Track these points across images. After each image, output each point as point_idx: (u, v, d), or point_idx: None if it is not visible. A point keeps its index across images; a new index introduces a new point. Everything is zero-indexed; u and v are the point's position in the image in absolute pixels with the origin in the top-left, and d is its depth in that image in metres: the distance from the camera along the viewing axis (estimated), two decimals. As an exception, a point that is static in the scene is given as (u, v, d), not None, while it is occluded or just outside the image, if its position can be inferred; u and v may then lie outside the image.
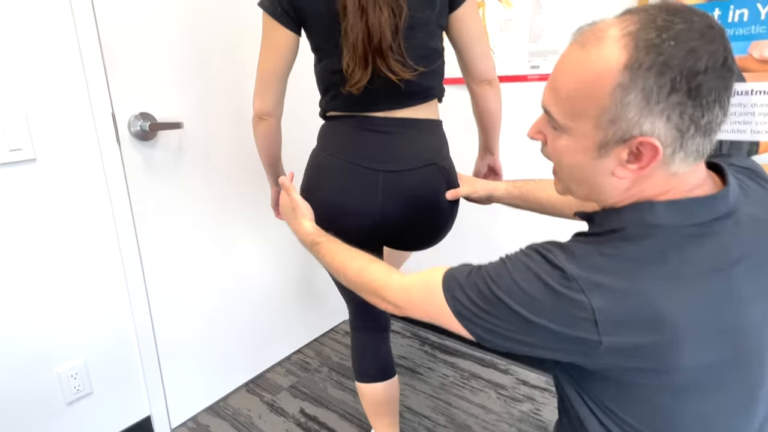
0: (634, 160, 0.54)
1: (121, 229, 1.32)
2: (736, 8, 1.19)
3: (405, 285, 0.73)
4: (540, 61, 1.54)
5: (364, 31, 0.90)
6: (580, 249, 0.57)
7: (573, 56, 0.55)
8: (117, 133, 1.28)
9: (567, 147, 0.58)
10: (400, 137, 1.02)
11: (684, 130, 0.50)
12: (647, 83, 0.49)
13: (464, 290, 0.63)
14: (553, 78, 0.58)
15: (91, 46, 1.20)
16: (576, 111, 0.55)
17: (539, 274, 0.56)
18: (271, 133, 1.11)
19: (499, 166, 1.27)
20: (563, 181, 0.65)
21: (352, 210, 1.03)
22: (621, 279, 0.53)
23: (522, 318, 0.56)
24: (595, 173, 0.58)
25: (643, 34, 0.49)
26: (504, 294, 0.58)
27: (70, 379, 1.28)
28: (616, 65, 0.50)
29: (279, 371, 1.87)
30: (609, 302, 0.52)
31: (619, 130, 0.52)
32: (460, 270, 0.67)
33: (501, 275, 0.60)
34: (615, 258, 0.54)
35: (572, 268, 0.54)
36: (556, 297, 0.54)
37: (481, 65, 1.05)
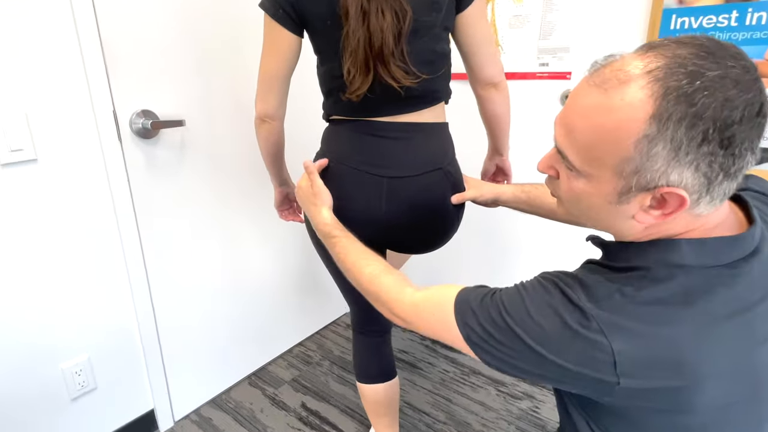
0: (657, 207, 0.51)
1: (123, 227, 1.32)
2: (754, 11, 1.15)
3: (416, 301, 0.72)
4: (550, 59, 1.50)
5: (365, 36, 0.87)
6: (600, 286, 0.55)
7: (592, 99, 0.50)
8: (118, 131, 1.27)
9: (584, 190, 0.55)
10: (404, 142, 1.00)
11: (713, 178, 0.48)
12: (677, 135, 0.46)
13: (476, 317, 0.61)
14: (568, 118, 0.54)
15: (91, 43, 1.18)
16: (595, 158, 0.52)
17: (557, 311, 0.54)
18: (274, 135, 1.09)
19: (508, 167, 1.25)
20: (574, 215, 0.62)
21: (356, 216, 1.01)
22: (644, 322, 0.51)
23: (536, 353, 0.55)
24: (614, 216, 0.55)
25: (672, 81, 0.45)
26: (518, 327, 0.56)
27: (75, 375, 1.30)
28: (643, 115, 0.46)
29: (281, 364, 1.88)
30: (630, 345, 0.50)
31: (643, 179, 0.49)
32: (473, 294, 0.65)
33: (516, 306, 0.58)
34: (638, 300, 0.52)
35: (592, 308, 0.52)
36: (573, 336, 0.52)
37: (488, 69, 1.02)
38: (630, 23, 1.35)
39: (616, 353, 0.50)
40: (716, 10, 1.19)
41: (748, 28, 1.17)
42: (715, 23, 1.20)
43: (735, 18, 1.18)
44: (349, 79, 0.92)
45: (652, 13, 1.29)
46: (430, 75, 0.95)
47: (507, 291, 0.61)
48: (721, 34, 1.19)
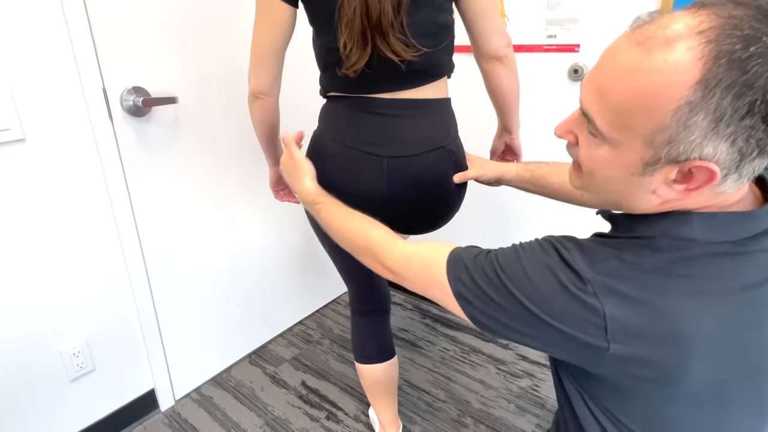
0: (682, 181, 0.48)
1: (117, 207, 1.29)
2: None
3: (407, 253, 0.70)
4: (557, 30, 1.44)
5: (362, 6, 0.82)
6: (599, 251, 0.53)
7: (631, 58, 0.45)
8: (109, 108, 1.22)
9: (606, 159, 0.52)
10: (405, 120, 0.96)
11: (746, 153, 0.44)
12: (721, 104, 0.41)
13: (469, 272, 0.60)
14: (599, 78, 0.49)
15: (77, 16, 1.12)
16: (626, 124, 0.47)
17: (553, 271, 0.53)
18: (268, 111, 1.05)
19: (518, 146, 1.20)
20: (588, 185, 0.59)
21: (356, 196, 0.98)
22: (640, 289, 0.49)
23: (528, 312, 0.54)
24: (632, 188, 0.52)
25: (725, 44, 0.41)
26: (512, 284, 0.55)
27: (73, 357, 1.30)
28: (689, 79, 0.42)
29: (281, 342, 1.89)
30: (623, 311, 0.49)
31: (675, 151, 0.45)
32: (468, 250, 0.64)
33: (512, 264, 0.57)
34: (636, 267, 0.51)
35: (588, 271, 0.51)
36: (567, 297, 0.51)
37: (494, 42, 0.97)
38: (643, -7, 1.28)
39: (608, 318, 0.49)
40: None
41: None
42: (733, -7, 1.13)
43: None
44: (346, 53, 0.87)
45: (667, -18, 1.22)
46: (431, 48, 0.90)
47: (503, 250, 0.60)
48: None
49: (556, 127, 0.59)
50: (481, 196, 1.46)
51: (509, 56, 1.00)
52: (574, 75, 1.44)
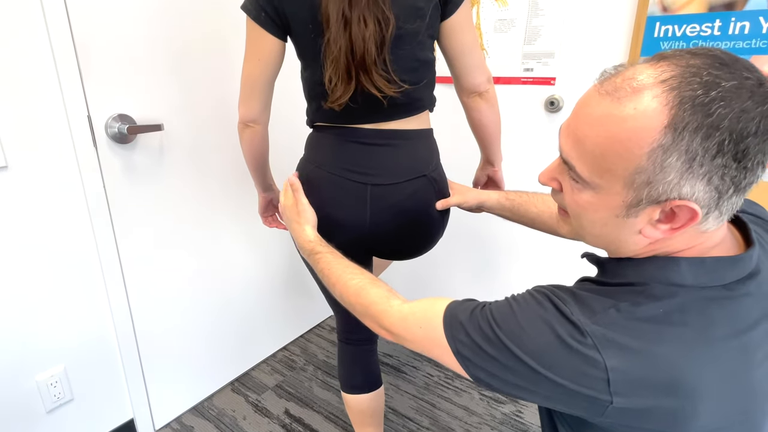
0: (666, 221, 0.50)
1: (99, 234, 1.28)
2: (737, 21, 1.15)
3: (404, 313, 0.70)
4: (534, 64, 1.49)
5: (347, 44, 0.85)
6: (594, 301, 0.53)
7: (603, 108, 0.49)
8: (93, 136, 1.23)
9: (590, 203, 0.54)
10: (388, 149, 0.98)
11: (723, 191, 0.47)
12: (692, 145, 0.44)
13: (466, 330, 0.59)
14: (575, 127, 0.52)
15: (63, 44, 1.13)
16: (605, 168, 0.50)
17: (551, 324, 0.53)
18: (257, 139, 1.07)
19: (500, 178, 1.23)
20: (577, 230, 0.60)
21: (340, 223, 1.00)
22: (639, 339, 0.50)
23: (528, 368, 0.53)
24: (618, 230, 0.54)
25: (687, 90, 0.44)
26: (509, 340, 0.54)
27: (50, 387, 1.26)
28: (658, 124, 0.45)
29: (264, 369, 1.86)
30: (624, 362, 0.49)
31: (655, 192, 0.48)
32: (463, 306, 0.63)
33: (507, 319, 0.56)
34: (633, 316, 0.51)
35: (586, 323, 0.51)
36: (567, 351, 0.51)
37: (475, 78, 1.00)
38: (615, 30, 1.35)
39: (609, 370, 0.49)
40: (700, 19, 1.19)
41: (731, 37, 1.17)
42: (698, 32, 1.20)
43: (718, 27, 1.18)
44: (331, 87, 0.90)
45: (637, 21, 1.29)
46: (413, 84, 0.93)
47: (497, 304, 0.60)
48: (704, 43, 1.19)
49: (540, 175, 0.61)
50: (462, 221, 1.48)
51: (490, 92, 1.03)
52: (550, 107, 1.49)
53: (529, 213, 1.01)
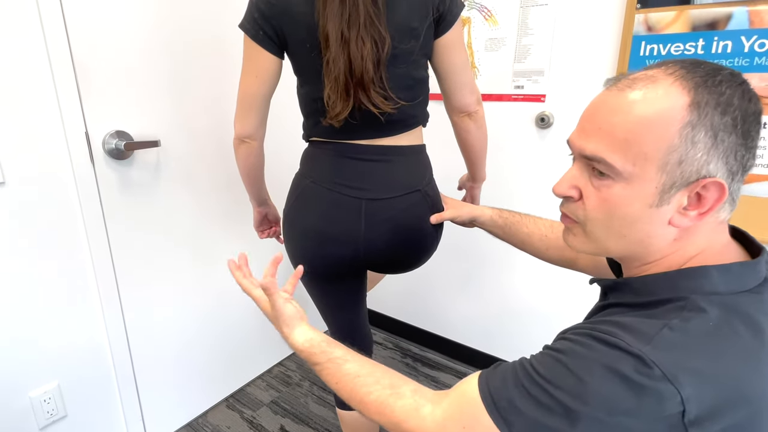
0: (694, 206, 0.51)
1: (95, 249, 1.29)
2: (720, 40, 1.19)
3: (438, 420, 0.58)
4: (524, 81, 1.53)
5: (346, 63, 0.88)
6: (642, 325, 0.49)
7: (626, 97, 0.51)
8: (91, 152, 1.24)
9: (621, 196, 0.53)
10: (383, 165, 1.00)
11: (735, 172, 0.50)
12: (714, 120, 0.48)
13: (517, 406, 0.51)
14: (596, 123, 0.54)
15: (62, 62, 1.15)
16: (639, 153, 0.50)
17: (610, 366, 0.47)
18: (253, 155, 1.08)
19: (476, 195, 1.26)
20: (598, 238, 0.57)
21: (335, 237, 1.01)
22: (702, 359, 0.46)
23: (597, 421, 0.47)
24: (649, 223, 0.53)
25: (696, 77, 0.49)
26: (572, 400, 0.47)
27: (43, 403, 1.26)
28: (683, 103, 0.48)
29: (260, 385, 1.85)
30: (697, 388, 0.45)
31: (686, 171, 0.49)
32: (497, 377, 0.55)
33: (560, 376, 0.49)
34: (688, 334, 0.48)
35: (649, 351, 0.46)
36: (636, 391, 0.45)
37: (464, 97, 1.02)
38: (602, 49, 1.38)
39: (685, 401, 0.45)
40: (683, 38, 1.23)
41: (715, 56, 1.20)
42: (682, 50, 1.24)
43: (701, 46, 1.21)
44: (330, 104, 0.92)
45: (623, 40, 1.32)
46: (408, 101, 0.95)
47: (539, 361, 0.53)
48: (689, 61, 1.23)
49: (556, 187, 0.59)
50: (459, 236, 1.50)
51: (479, 112, 1.06)
52: (540, 123, 1.52)
53: (520, 233, 1.02)
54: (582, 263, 0.91)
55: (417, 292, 2.08)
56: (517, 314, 1.79)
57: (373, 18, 0.86)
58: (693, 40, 1.22)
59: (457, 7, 0.95)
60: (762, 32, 1.14)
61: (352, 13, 0.85)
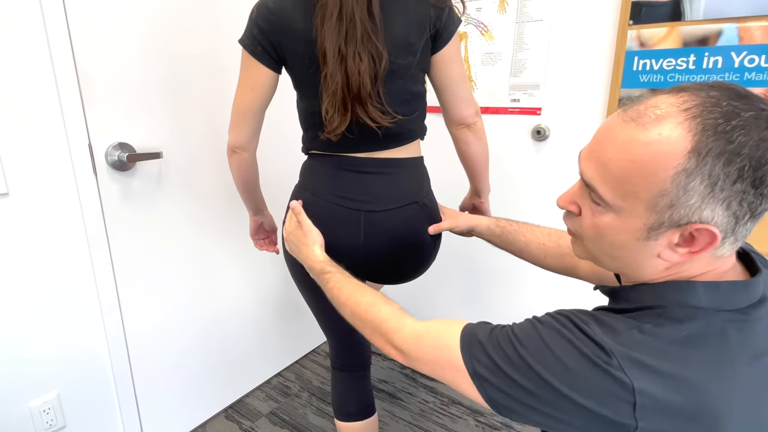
0: (684, 244, 0.51)
1: (96, 260, 1.30)
2: (710, 56, 1.22)
3: (418, 332, 0.67)
4: (521, 95, 1.56)
5: (343, 78, 0.89)
6: (616, 323, 0.52)
7: (627, 132, 0.50)
8: (94, 164, 1.26)
9: (611, 225, 0.54)
10: (381, 177, 1.02)
11: (740, 217, 0.48)
12: (714, 170, 0.46)
13: (485, 349, 0.57)
14: (598, 151, 0.54)
15: (67, 76, 1.17)
16: (629, 191, 0.51)
17: (574, 344, 0.52)
18: (245, 165, 1.10)
19: (485, 209, 1.25)
20: (592, 253, 0.60)
21: (334, 248, 1.02)
22: (665, 362, 0.49)
23: (551, 388, 0.51)
24: (637, 253, 0.54)
25: (709, 118, 0.46)
26: (533, 359, 0.53)
27: (43, 414, 1.26)
28: (682, 149, 0.47)
29: (259, 396, 1.85)
30: (651, 385, 0.48)
31: (676, 215, 0.49)
32: (480, 327, 0.61)
33: (531, 338, 0.55)
34: (657, 338, 0.50)
35: (610, 343, 0.50)
36: (593, 369, 0.49)
37: (462, 110, 1.04)
38: (596, 63, 1.41)
39: (637, 393, 0.48)
40: (675, 54, 1.26)
41: (705, 71, 1.23)
42: (674, 66, 1.27)
43: (693, 61, 1.24)
44: (327, 118, 0.93)
45: (616, 55, 1.35)
46: (406, 115, 0.97)
47: (519, 325, 0.58)
48: (680, 76, 1.26)
49: (559, 199, 0.61)
50: (455, 246, 1.51)
51: (477, 124, 1.07)
52: (537, 135, 1.55)
53: (517, 242, 1.03)
54: (582, 271, 0.92)
55: (416, 302, 2.09)
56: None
57: (370, 34, 0.88)
58: (684, 55, 1.25)
59: (453, 24, 0.97)
60: (751, 48, 1.17)
61: (349, 29, 0.87)
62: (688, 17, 1.23)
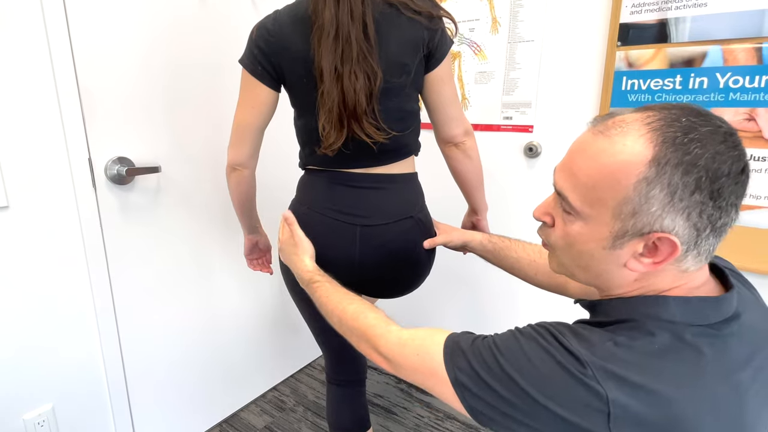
0: (648, 255, 0.53)
1: (93, 273, 1.31)
2: (696, 76, 1.26)
3: (402, 339, 0.69)
4: (513, 113, 1.59)
5: (339, 95, 0.92)
6: (591, 334, 0.54)
7: (596, 143, 0.54)
8: (93, 178, 1.28)
9: (580, 233, 0.57)
10: (376, 192, 1.04)
11: (701, 229, 0.50)
12: (673, 179, 0.49)
13: (467, 357, 0.59)
14: (570, 162, 0.57)
15: (69, 91, 1.20)
16: (596, 198, 0.54)
17: (551, 354, 0.53)
18: (244, 183, 1.11)
19: (483, 227, 1.26)
20: (565, 264, 0.63)
21: (330, 262, 1.03)
22: (638, 374, 0.50)
23: (529, 398, 0.53)
24: (605, 263, 0.56)
25: (669, 131, 0.50)
26: (511, 368, 0.54)
27: (37, 426, 1.26)
28: (643, 158, 0.50)
29: (254, 410, 1.85)
30: (625, 397, 0.49)
31: (639, 222, 0.51)
32: (463, 336, 0.63)
33: (511, 348, 0.56)
34: (631, 350, 0.52)
35: (586, 354, 0.52)
36: (569, 379, 0.51)
37: (452, 129, 1.05)
38: (586, 82, 1.45)
39: (611, 403, 0.49)
40: (662, 74, 1.30)
41: (692, 91, 1.27)
42: (661, 86, 1.30)
43: (679, 82, 1.28)
44: (324, 134, 0.96)
45: (605, 74, 1.39)
46: (400, 132, 0.99)
47: (500, 335, 0.60)
48: (667, 96, 1.29)
49: (534, 211, 0.65)
50: (448, 261, 1.53)
51: (467, 143, 1.08)
52: (529, 152, 1.58)
53: (509, 258, 1.04)
54: (572, 289, 0.93)
55: (411, 316, 2.10)
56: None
57: (365, 54, 0.91)
58: (671, 76, 1.29)
59: (445, 45, 1.00)
60: (735, 69, 1.21)
61: (345, 49, 0.90)
62: (674, 39, 1.27)
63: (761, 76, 1.18)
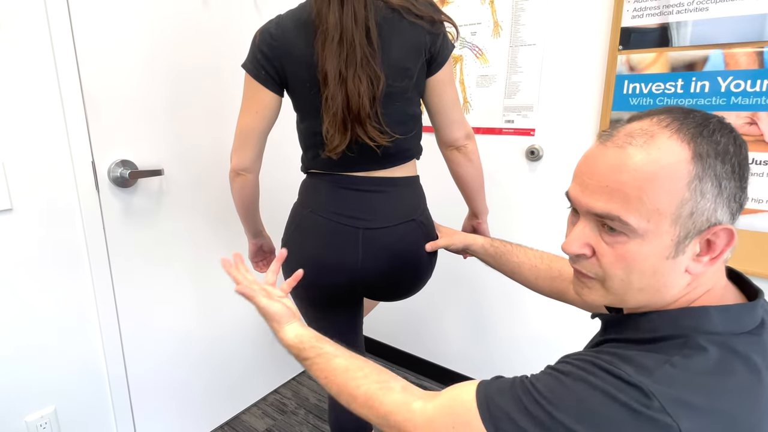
0: (705, 252, 0.52)
1: (96, 275, 1.32)
2: (698, 80, 1.26)
3: (429, 414, 0.59)
4: (515, 116, 1.59)
5: (343, 99, 0.93)
6: (644, 359, 0.50)
7: (626, 156, 0.51)
8: (96, 180, 1.29)
9: (638, 252, 0.52)
10: (379, 195, 1.04)
11: (735, 213, 0.51)
12: (716, 170, 0.49)
13: (510, 416, 0.51)
14: (601, 180, 0.53)
15: (73, 95, 1.21)
16: (653, 210, 0.50)
17: (609, 392, 0.47)
18: (248, 188, 1.12)
19: (483, 230, 1.26)
20: (617, 291, 0.56)
21: (333, 265, 1.04)
22: (703, 396, 0.47)
23: None
24: (666, 274, 0.53)
25: (690, 128, 0.50)
26: (569, 419, 0.48)
27: (39, 428, 1.26)
28: (684, 157, 0.49)
29: (255, 413, 1.85)
30: (695, 425, 0.45)
31: (698, 221, 0.50)
32: (496, 387, 0.56)
33: (558, 394, 0.50)
34: (689, 370, 0.48)
35: (648, 383, 0.47)
36: (635, 419, 0.46)
37: (453, 133, 1.06)
38: (587, 86, 1.45)
39: None
40: (664, 78, 1.30)
41: (693, 95, 1.27)
42: (663, 89, 1.31)
43: (681, 86, 1.28)
44: (328, 137, 0.97)
45: (607, 78, 1.39)
46: (403, 135, 1.00)
47: (539, 379, 0.53)
48: (669, 100, 1.30)
49: (566, 246, 0.58)
50: (454, 264, 1.53)
51: (468, 147, 1.08)
52: (530, 156, 1.58)
53: (510, 263, 1.04)
54: (572, 296, 0.92)
55: (413, 319, 2.10)
56: (515, 342, 1.80)
57: (368, 58, 0.92)
58: (672, 80, 1.29)
59: (447, 49, 1.00)
60: (737, 73, 1.21)
61: (349, 53, 0.91)
62: (676, 43, 1.27)
63: (763, 80, 1.19)
